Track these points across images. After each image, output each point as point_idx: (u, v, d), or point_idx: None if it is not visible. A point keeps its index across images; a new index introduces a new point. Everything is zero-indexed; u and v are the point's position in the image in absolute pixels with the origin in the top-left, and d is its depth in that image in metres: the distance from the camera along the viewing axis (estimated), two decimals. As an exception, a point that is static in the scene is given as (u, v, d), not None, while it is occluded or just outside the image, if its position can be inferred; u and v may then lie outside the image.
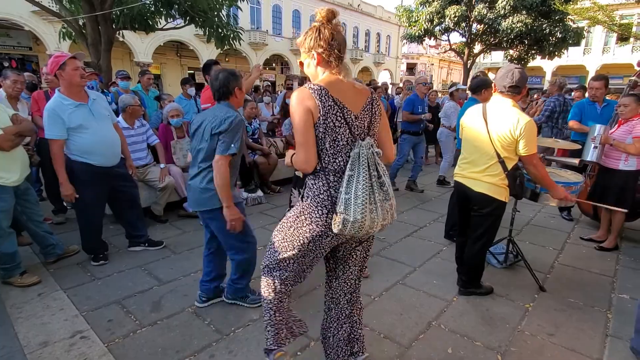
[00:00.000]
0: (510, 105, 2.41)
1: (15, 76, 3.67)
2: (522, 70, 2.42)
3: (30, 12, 14.85)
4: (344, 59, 1.54)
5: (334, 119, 1.46)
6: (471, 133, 2.58)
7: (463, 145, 2.68)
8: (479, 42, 19.07)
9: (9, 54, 17.04)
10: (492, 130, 2.42)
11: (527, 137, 2.32)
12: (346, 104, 1.48)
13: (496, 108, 2.46)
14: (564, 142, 3.64)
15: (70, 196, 2.92)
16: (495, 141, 2.42)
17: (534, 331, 2.39)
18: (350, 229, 1.44)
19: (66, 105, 2.82)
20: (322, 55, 1.50)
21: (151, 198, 4.17)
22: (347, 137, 1.48)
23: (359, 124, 1.50)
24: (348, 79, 1.53)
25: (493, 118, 2.44)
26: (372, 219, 1.44)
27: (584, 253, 3.63)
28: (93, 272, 3.07)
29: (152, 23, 7.60)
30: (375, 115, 1.56)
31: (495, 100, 2.50)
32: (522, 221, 4.42)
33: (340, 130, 1.47)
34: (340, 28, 1.52)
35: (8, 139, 2.66)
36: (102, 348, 2.14)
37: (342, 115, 1.46)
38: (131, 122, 3.95)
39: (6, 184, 2.70)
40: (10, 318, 2.41)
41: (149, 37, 16.73)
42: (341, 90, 1.49)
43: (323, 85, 1.47)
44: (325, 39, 1.48)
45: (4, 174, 2.68)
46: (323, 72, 1.54)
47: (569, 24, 16.63)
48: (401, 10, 19.56)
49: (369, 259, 1.85)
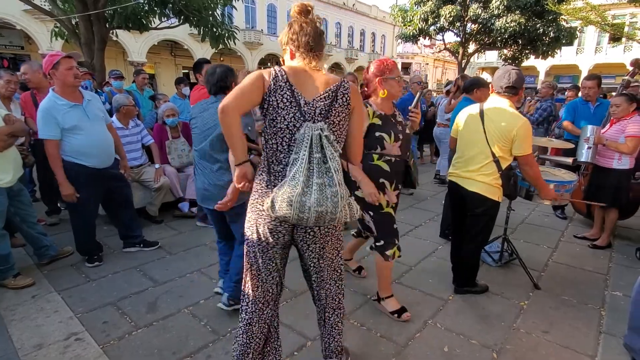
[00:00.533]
0: (507, 105, 2.44)
1: (9, 76, 3.62)
2: (520, 72, 2.46)
3: (21, 10, 14.68)
4: (319, 50, 1.56)
5: (279, 99, 1.47)
6: (467, 132, 2.60)
7: (458, 144, 2.70)
8: (473, 41, 19.16)
9: (1, 53, 16.84)
10: (488, 130, 2.44)
11: (522, 137, 2.35)
12: (300, 89, 1.49)
13: (493, 108, 2.48)
14: (558, 142, 3.67)
15: (71, 196, 2.89)
16: (490, 140, 2.44)
17: (529, 329, 2.41)
18: (278, 210, 1.41)
19: (60, 105, 2.79)
20: (292, 49, 1.56)
21: (146, 198, 4.15)
22: (291, 120, 1.48)
23: (308, 109, 1.49)
24: (315, 68, 1.55)
25: (489, 118, 2.46)
26: (302, 202, 1.38)
27: (578, 251, 3.66)
28: (88, 273, 3.04)
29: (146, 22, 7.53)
30: (336, 105, 1.52)
31: (492, 100, 2.52)
32: (517, 220, 4.45)
33: (283, 112, 1.47)
34: (314, 21, 1.54)
35: (1, 139, 2.63)
36: (97, 350, 2.13)
37: (292, 97, 1.47)
38: (125, 122, 3.92)
39: (0, 185, 2.67)
40: (4, 320, 2.39)
41: (142, 36, 16.62)
42: (300, 76, 1.52)
43: (285, 68, 1.52)
44: (294, 31, 1.52)
45: None
46: (296, 62, 1.57)
47: (562, 24, 16.77)
48: (396, 9, 19.61)
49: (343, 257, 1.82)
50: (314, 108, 1.50)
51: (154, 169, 4.11)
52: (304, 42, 1.52)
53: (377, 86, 2.25)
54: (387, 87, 2.23)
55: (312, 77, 1.54)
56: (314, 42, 1.52)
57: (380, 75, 2.22)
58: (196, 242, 3.69)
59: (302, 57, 1.55)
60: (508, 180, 2.52)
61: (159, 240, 3.60)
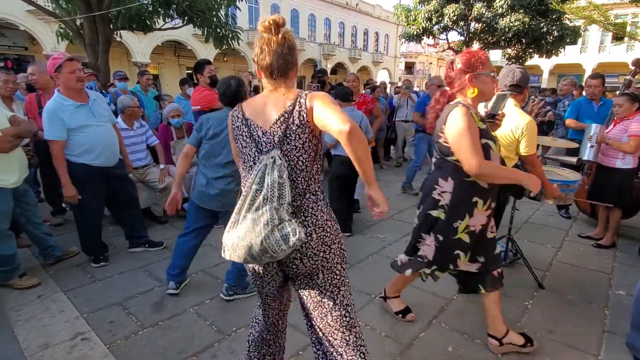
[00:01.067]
0: (512, 104, 2.44)
1: (6, 76, 3.60)
2: (524, 70, 2.46)
3: (25, 11, 14.78)
4: (284, 73, 1.39)
5: (241, 140, 1.44)
6: None
7: None
8: (477, 40, 19.10)
9: (5, 54, 16.93)
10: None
11: (528, 136, 2.35)
12: (257, 120, 1.40)
13: None
14: (562, 141, 3.66)
15: (73, 198, 2.91)
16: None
17: (534, 328, 2.41)
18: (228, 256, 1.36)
19: (67, 106, 2.81)
20: (257, 69, 1.44)
21: (151, 199, 4.17)
22: (253, 156, 1.41)
23: (267, 140, 1.38)
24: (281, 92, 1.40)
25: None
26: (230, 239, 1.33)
27: (582, 250, 3.65)
28: (93, 273, 3.07)
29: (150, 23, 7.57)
30: (293, 127, 1.35)
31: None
32: (521, 219, 4.44)
33: (246, 150, 1.43)
34: (283, 40, 1.37)
35: (7, 140, 2.65)
36: (103, 350, 2.15)
37: (249, 133, 1.41)
38: (130, 123, 3.95)
39: (5, 186, 2.69)
40: (10, 321, 2.41)
41: (146, 37, 16.68)
42: (256, 107, 1.43)
43: (243, 104, 1.47)
44: (255, 52, 1.40)
45: (3, 175, 2.67)
46: (265, 86, 1.46)
47: (566, 23, 16.68)
48: (399, 9, 19.55)
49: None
50: (272, 136, 1.37)
51: (159, 169, 4.13)
52: (264, 65, 1.37)
53: (466, 84, 1.92)
54: (478, 84, 1.90)
55: (269, 102, 1.41)
56: (278, 64, 1.36)
57: (470, 71, 1.90)
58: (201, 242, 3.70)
59: (266, 80, 1.42)
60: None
61: (164, 241, 3.62)
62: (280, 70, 1.38)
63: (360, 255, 3.44)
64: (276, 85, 1.41)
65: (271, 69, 1.37)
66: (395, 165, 7.64)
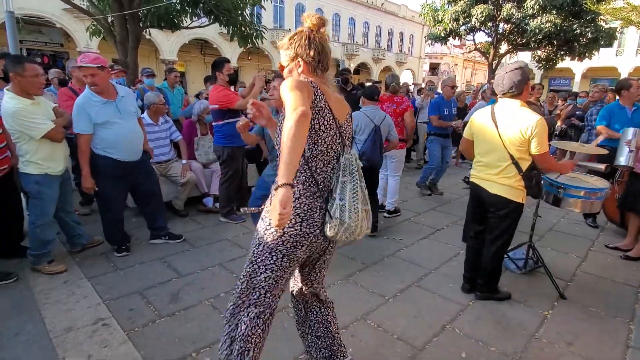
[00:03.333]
0: (519, 105, 2.40)
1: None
2: (512, 73, 2.38)
3: (61, 9, 15.41)
4: (328, 70, 1.53)
5: (320, 122, 1.43)
6: (483, 136, 2.56)
7: (476, 147, 2.65)
8: (505, 42, 18.62)
9: (41, 50, 17.75)
10: (503, 132, 2.41)
11: (538, 135, 2.30)
12: (334, 110, 1.47)
13: (505, 110, 2.44)
14: (589, 147, 3.52)
15: (90, 189, 3.08)
16: (507, 143, 2.40)
17: (552, 339, 2.33)
18: (343, 234, 1.45)
19: (95, 101, 2.93)
20: (308, 64, 1.45)
21: (172, 193, 4.28)
22: (336, 145, 1.49)
23: (342, 132, 1.52)
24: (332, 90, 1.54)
25: (502, 120, 2.42)
26: (362, 226, 1.49)
27: (609, 262, 3.51)
28: (116, 262, 3.18)
29: (177, 21, 7.77)
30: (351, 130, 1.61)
31: (503, 102, 2.48)
32: (545, 227, 4.31)
33: (323, 135, 1.44)
34: (327, 38, 1.51)
35: (60, 130, 2.84)
36: (122, 336, 2.23)
37: (332, 119, 1.46)
38: (155, 119, 4.06)
39: (54, 173, 2.87)
40: (38, 304, 2.53)
41: (174, 35, 17.10)
42: (329, 95, 1.48)
43: (318, 86, 1.44)
44: (315, 48, 1.44)
45: (52, 163, 2.85)
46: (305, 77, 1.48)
47: (600, 25, 16.02)
48: (426, 9, 19.25)
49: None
50: (346, 131, 1.54)
51: (181, 164, 4.24)
52: (323, 61, 1.48)
53: None
54: None
55: (335, 95, 1.53)
56: (329, 64, 1.51)
57: None
58: (219, 236, 3.78)
59: (316, 76, 1.48)
60: (530, 180, 2.47)
61: (184, 234, 3.71)
62: (328, 67, 1.51)
63: (375, 256, 3.42)
64: (323, 81, 1.49)
65: (328, 64, 1.50)
66: (416, 167, 7.55)
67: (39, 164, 2.79)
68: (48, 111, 2.89)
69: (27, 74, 2.66)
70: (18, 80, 2.66)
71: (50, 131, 2.75)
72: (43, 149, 2.79)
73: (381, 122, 3.67)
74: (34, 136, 2.71)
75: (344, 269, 3.14)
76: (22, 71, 2.64)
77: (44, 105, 2.88)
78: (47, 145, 2.81)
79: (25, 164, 2.79)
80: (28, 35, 16.58)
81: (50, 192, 2.87)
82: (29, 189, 2.83)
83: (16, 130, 2.69)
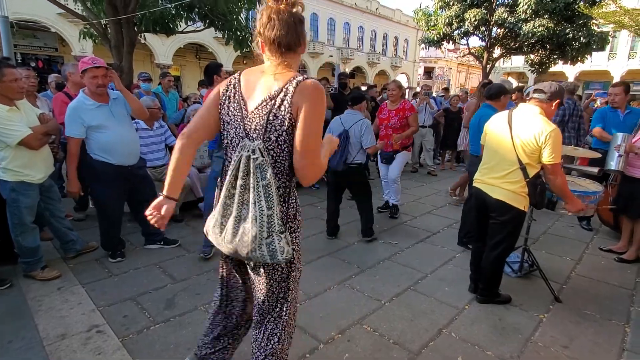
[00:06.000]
0: (537, 112, 2.41)
1: (26, 71, 3.65)
2: (562, 86, 2.47)
3: (56, 14, 15.36)
4: (290, 47, 1.29)
5: (227, 111, 1.35)
6: (494, 138, 2.58)
7: (485, 151, 2.68)
8: (498, 46, 18.77)
9: (36, 54, 17.66)
10: (516, 136, 2.43)
11: (552, 145, 2.30)
12: (247, 97, 1.32)
13: (522, 115, 2.47)
14: (584, 150, 3.56)
15: (75, 194, 3.10)
16: (518, 147, 2.41)
17: (548, 343, 2.34)
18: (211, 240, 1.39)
19: (88, 105, 2.93)
20: (261, 42, 1.31)
21: (168, 197, 4.25)
22: (237, 136, 1.33)
23: (247, 123, 1.30)
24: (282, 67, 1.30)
25: (518, 124, 2.45)
26: (216, 235, 1.33)
27: (603, 264, 3.53)
28: (110, 268, 3.15)
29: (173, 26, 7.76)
30: (271, 117, 1.26)
31: (523, 107, 2.51)
32: (539, 230, 4.33)
33: (228, 126, 1.35)
34: (288, 10, 1.27)
35: (37, 138, 2.76)
36: (116, 343, 2.20)
37: (238, 108, 1.32)
38: (150, 124, 4.05)
39: (32, 181, 2.81)
40: (31, 310, 2.50)
41: (169, 39, 17.05)
42: (252, 82, 1.33)
43: (243, 73, 1.37)
44: (261, 22, 1.28)
45: (30, 171, 2.78)
46: (266, 61, 1.36)
47: (593, 29, 16.21)
48: (419, 13, 19.39)
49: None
50: (251, 122, 1.29)
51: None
52: (271, 37, 1.26)
53: None
54: None
55: (264, 79, 1.31)
56: (288, 37, 1.26)
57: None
58: (214, 241, 3.76)
59: (270, 54, 1.31)
60: (535, 188, 2.47)
61: (179, 239, 3.69)
62: (289, 44, 1.27)
63: (371, 260, 3.42)
64: (279, 62, 1.30)
65: (279, 41, 1.26)
66: (410, 171, 7.57)
67: (16, 171, 2.70)
68: (30, 117, 2.81)
69: (5, 79, 2.58)
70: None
71: (25, 137, 2.64)
72: (20, 156, 2.70)
73: (350, 126, 3.69)
74: (9, 143, 2.62)
75: (339, 273, 3.13)
76: (2, 77, 2.56)
77: (25, 111, 2.79)
78: (24, 152, 2.71)
79: (2, 171, 2.70)
80: (22, 39, 16.51)
81: (26, 200, 2.79)
82: (6, 196, 2.76)
83: None
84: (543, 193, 2.56)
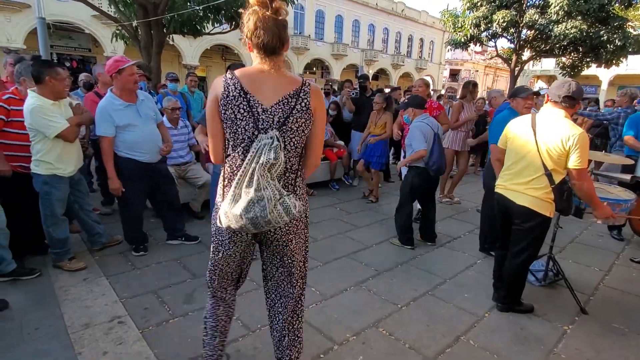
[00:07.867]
0: (562, 116, 2.31)
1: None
2: (579, 84, 2.34)
3: (91, 16, 16.01)
4: (276, 51, 1.42)
5: (235, 111, 1.40)
6: (517, 143, 2.48)
7: (507, 156, 2.58)
8: (528, 48, 18.23)
9: (71, 55, 18.47)
10: (541, 141, 2.33)
11: (579, 149, 2.21)
12: (257, 95, 1.41)
13: (546, 118, 2.36)
14: (615, 157, 3.41)
15: (117, 190, 3.14)
16: (543, 152, 2.32)
17: (572, 355, 2.25)
18: (224, 223, 1.45)
19: (116, 104, 3.03)
20: (249, 44, 1.42)
21: (190, 195, 4.36)
22: (250, 131, 1.42)
23: (266, 117, 1.42)
24: (276, 70, 1.44)
25: (542, 128, 2.34)
26: (234, 213, 1.39)
27: (634, 276, 3.37)
28: (133, 261, 3.25)
29: (200, 28, 7.96)
30: (294, 111, 1.43)
31: (546, 110, 2.40)
32: (567, 238, 4.17)
33: (242, 123, 1.41)
34: (273, 15, 1.36)
35: (74, 130, 2.91)
36: (137, 334, 2.27)
37: (247, 107, 1.40)
38: (174, 123, 4.15)
39: (63, 175, 2.94)
40: (58, 300, 2.61)
41: (196, 41, 17.45)
42: (256, 81, 1.42)
43: (238, 74, 1.43)
44: (249, 28, 1.37)
45: (62, 165, 2.92)
46: (255, 60, 1.47)
47: (629, 31, 15.51)
48: (446, 15, 19.07)
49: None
50: (273, 115, 1.42)
51: (199, 166, 4.30)
52: (260, 43, 1.38)
53: None
54: None
55: (270, 80, 1.44)
56: (270, 43, 1.38)
57: None
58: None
59: (259, 57, 1.43)
60: (561, 194, 2.37)
61: (200, 236, 3.76)
62: (274, 49, 1.40)
63: (388, 263, 3.39)
64: (272, 64, 1.43)
65: (265, 47, 1.39)
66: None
67: (49, 163, 2.84)
68: (67, 113, 2.96)
69: (59, 78, 2.79)
70: (52, 84, 2.76)
71: (64, 130, 2.79)
72: (55, 149, 2.84)
73: (438, 128, 3.72)
74: (48, 134, 2.76)
75: (356, 275, 3.12)
76: (57, 75, 2.77)
77: (64, 107, 2.95)
78: (59, 145, 2.85)
79: (35, 164, 2.84)
80: (58, 40, 17.30)
81: (58, 193, 2.92)
82: (38, 189, 2.89)
83: (33, 128, 2.76)
84: (570, 199, 2.46)
